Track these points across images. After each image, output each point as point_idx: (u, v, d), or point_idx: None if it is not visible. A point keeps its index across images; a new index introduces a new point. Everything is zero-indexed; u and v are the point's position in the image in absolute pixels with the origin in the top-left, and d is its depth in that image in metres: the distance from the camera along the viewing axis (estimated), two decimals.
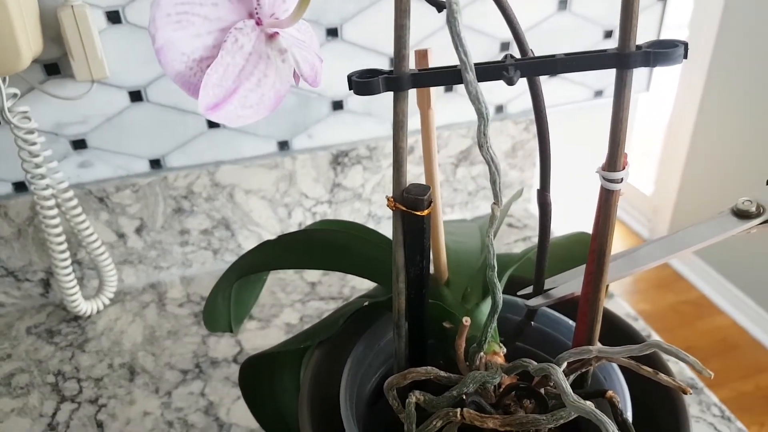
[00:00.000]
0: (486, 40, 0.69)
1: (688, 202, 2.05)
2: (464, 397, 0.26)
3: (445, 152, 0.74)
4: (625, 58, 0.20)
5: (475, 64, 0.22)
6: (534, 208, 0.81)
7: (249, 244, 0.72)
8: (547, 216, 0.29)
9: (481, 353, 0.28)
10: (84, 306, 0.63)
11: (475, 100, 0.22)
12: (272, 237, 0.72)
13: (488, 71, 0.22)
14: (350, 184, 0.72)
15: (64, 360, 0.59)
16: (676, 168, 2.07)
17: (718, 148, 1.85)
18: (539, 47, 0.76)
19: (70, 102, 0.59)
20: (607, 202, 0.24)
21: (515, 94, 0.74)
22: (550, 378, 0.26)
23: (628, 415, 0.28)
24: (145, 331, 0.63)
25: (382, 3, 0.63)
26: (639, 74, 0.79)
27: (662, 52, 0.20)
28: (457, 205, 0.80)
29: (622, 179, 0.23)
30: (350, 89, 0.23)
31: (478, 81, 0.22)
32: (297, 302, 0.66)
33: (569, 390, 0.23)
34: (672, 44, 0.20)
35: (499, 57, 0.71)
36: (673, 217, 2.14)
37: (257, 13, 0.22)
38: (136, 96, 0.60)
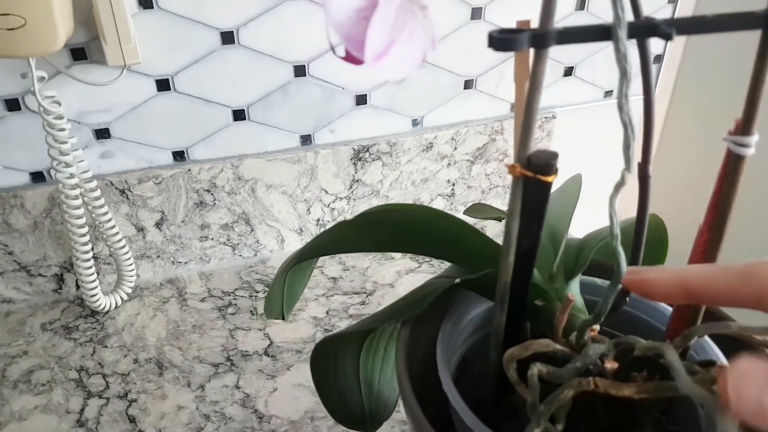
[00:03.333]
0: None
1: (658, 187, 2.11)
2: (590, 368, 0.27)
3: (462, 149, 0.75)
4: None
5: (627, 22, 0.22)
6: None
7: (267, 240, 0.71)
8: (647, 189, 0.30)
9: (592, 327, 0.28)
10: (103, 301, 0.61)
11: (623, 58, 0.22)
12: (291, 233, 0.71)
13: (641, 29, 0.22)
14: (369, 180, 0.72)
15: (85, 356, 0.57)
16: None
17: (688, 137, 1.91)
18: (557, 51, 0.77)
19: (94, 89, 0.57)
20: (735, 168, 0.25)
21: None
22: (660, 357, 0.27)
23: None
24: (168, 325, 0.61)
25: None
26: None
27: None
28: (470, 203, 0.80)
29: (752, 144, 0.24)
30: (489, 46, 0.23)
31: (628, 38, 0.22)
32: (321, 297, 0.65)
33: (683, 372, 0.23)
34: None
35: None
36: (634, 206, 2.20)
37: None
38: (163, 85, 0.59)
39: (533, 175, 0.25)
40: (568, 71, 0.76)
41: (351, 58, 0.23)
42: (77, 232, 0.57)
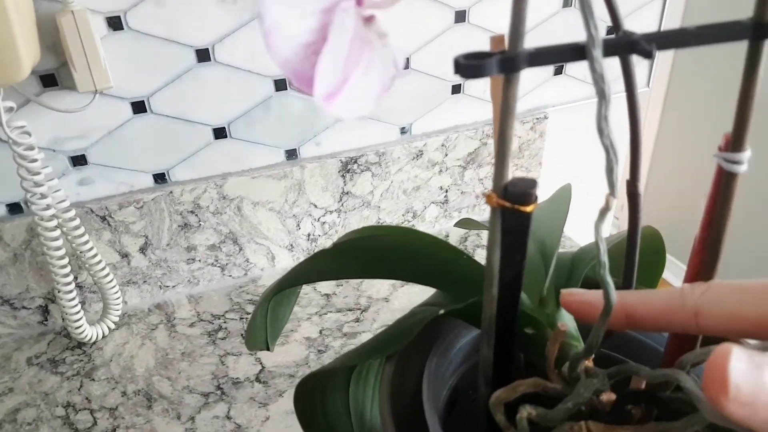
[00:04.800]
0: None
1: (655, 196, 2.09)
2: (582, 408, 0.25)
3: (453, 155, 0.73)
4: (764, 28, 0.19)
5: (603, 40, 0.20)
6: None
7: (257, 258, 0.69)
8: (637, 208, 0.28)
9: (586, 360, 0.26)
10: (89, 331, 0.59)
11: (600, 79, 0.20)
12: (281, 250, 0.69)
13: (618, 46, 0.20)
14: (359, 192, 0.70)
15: (72, 390, 0.55)
16: (642, 165, 2.11)
17: (683, 143, 1.89)
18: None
19: (68, 115, 0.55)
20: (727, 186, 0.23)
21: (522, 92, 0.73)
22: (668, 385, 0.25)
23: None
24: (156, 354, 0.59)
25: None
26: (640, 70, 0.80)
27: None
28: (464, 210, 0.78)
29: (744, 161, 0.22)
30: (456, 72, 0.21)
31: (605, 56, 0.20)
32: (314, 315, 0.63)
33: (705, 397, 0.21)
34: None
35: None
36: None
37: None
38: (138, 107, 0.57)
39: (511, 205, 0.24)
40: (559, 69, 0.74)
41: (304, 90, 0.21)
42: (57, 263, 0.55)
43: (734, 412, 0.17)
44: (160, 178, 0.61)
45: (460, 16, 0.64)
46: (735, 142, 0.22)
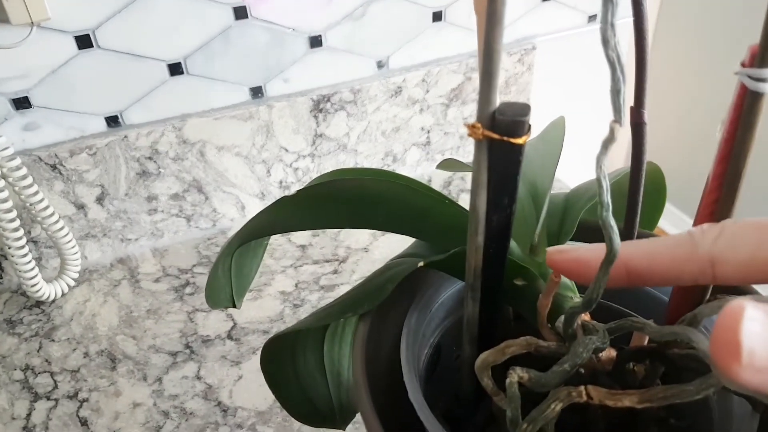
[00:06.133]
0: None
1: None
2: (582, 370, 0.21)
3: (435, 91, 0.68)
4: None
5: None
6: None
7: (225, 208, 0.65)
8: (642, 139, 0.24)
9: (583, 314, 0.23)
10: (46, 289, 0.55)
11: None
12: (251, 198, 0.65)
13: None
14: (334, 134, 0.66)
15: (31, 352, 0.52)
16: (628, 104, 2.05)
17: (675, 79, 1.83)
18: None
19: (4, 52, 0.49)
20: (751, 108, 0.19)
21: (507, 22, 0.68)
22: (676, 342, 0.21)
23: None
24: (120, 312, 0.55)
25: None
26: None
27: None
28: (447, 151, 0.74)
29: None
30: None
31: None
32: (289, 268, 0.60)
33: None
34: None
35: None
36: (629, 153, 2.13)
37: None
38: (84, 42, 0.51)
39: (499, 137, 0.19)
40: None
41: None
42: (5, 217, 0.51)
43: (748, 380, 0.14)
44: (113, 121, 0.56)
45: None
46: (763, 55, 0.18)
